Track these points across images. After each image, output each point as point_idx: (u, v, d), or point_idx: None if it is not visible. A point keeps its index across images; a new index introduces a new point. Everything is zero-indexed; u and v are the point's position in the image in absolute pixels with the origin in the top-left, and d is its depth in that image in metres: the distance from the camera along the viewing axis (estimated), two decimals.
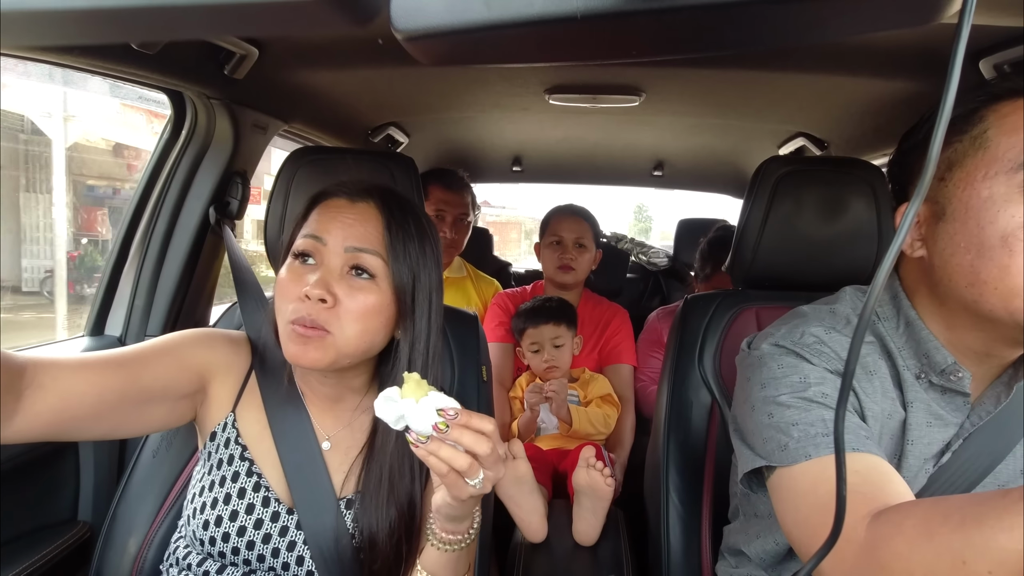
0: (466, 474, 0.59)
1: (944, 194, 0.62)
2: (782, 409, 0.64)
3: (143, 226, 1.26)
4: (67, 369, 0.65)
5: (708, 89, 1.37)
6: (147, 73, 1.01)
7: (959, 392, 0.66)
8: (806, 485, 0.60)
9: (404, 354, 0.76)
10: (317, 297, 0.69)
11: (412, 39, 0.28)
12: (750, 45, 0.29)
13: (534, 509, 1.23)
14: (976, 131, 0.60)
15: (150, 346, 0.74)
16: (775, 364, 0.68)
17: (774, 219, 1.02)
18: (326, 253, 0.72)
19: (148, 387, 0.71)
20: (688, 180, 2.61)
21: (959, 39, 0.28)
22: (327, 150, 1.21)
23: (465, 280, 1.93)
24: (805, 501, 0.59)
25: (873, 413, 0.67)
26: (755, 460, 0.66)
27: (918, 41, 0.97)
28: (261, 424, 0.79)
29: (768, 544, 0.78)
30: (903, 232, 0.33)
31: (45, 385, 0.63)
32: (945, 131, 0.31)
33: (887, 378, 0.68)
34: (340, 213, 0.74)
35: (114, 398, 0.68)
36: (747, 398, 0.70)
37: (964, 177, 0.60)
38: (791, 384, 0.66)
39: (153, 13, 0.28)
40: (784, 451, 0.62)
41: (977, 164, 0.59)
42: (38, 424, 0.63)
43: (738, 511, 0.88)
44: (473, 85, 1.41)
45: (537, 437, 1.59)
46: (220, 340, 0.81)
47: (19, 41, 0.56)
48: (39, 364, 0.63)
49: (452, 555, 0.69)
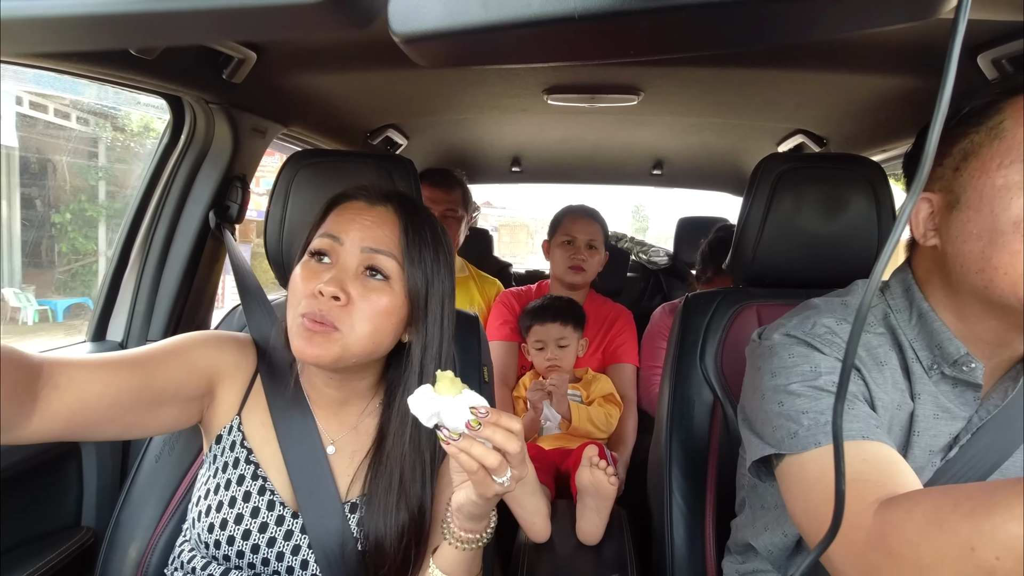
0: (495, 472, 0.60)
1: (959, 183, 0.63)
2: (792, 398, 0.65)
3: (143, 231, 1.27)
4: (83, 369, 0.65)
5: (706, 87, 1.37)
6: (146, 78, 1.01)
7: (970, 384, 0.67)
8: (816, 473, 0.60)
9: (416, 358, 0.76)
10: (331, 294, 0.69)
11: (410, 41, 0.28)
12: (748, 43, 0.29)
13: (537, 510, 1.23)
14: (993, 122, 0.61)
15: (161, 347, 0.75)
16: (786, 353, 0.69)
17: (774, 216, 1.02)
18: (342, 252, 0.72)
19: (161, 389, 0.72)
20: (687, 179, 2.61)
21: (955, 34, 0.28)
22: (326, 153, 1.21)
23: (467, 279, 1.93)
24: (815, 489, 0.60)
25: (883, 403, 0.67)
26: (764, 448, 0.66)
27: (916, 37, 0.97)
28: (266, 427, 0.79)
29: (776, 536, 0.78)
30: (902, 222, 0.33)
31: (61, 385, 0.63)
32: (942, 126, 0.31)
33: (897, 369, 0.69)
34: (358, 215, 0.74)
35: (129, 399, 0.68)
36: (757, 387, 0.70)
37: (979, 166, 0.61)
38: (802, 373, 0.66)
39: (151, 19, 0.28)
40: (794, 439, 0.62)
41: (993, 153, 0.60)
42: (55, 424, 0.63)
43: (745, 504, 0.88)
44: (471, 86, 1.41)
45: (540, 437, 1.60)
46: (228, 342, 0.82)
47: (19, 48, 0.56)
48: (56, 364, 0.64)
49: (468, 554, 0.69)
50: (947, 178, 0.65)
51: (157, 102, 1.19)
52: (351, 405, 0.82)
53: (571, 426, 1.55)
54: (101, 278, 1.30)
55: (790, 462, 0.63)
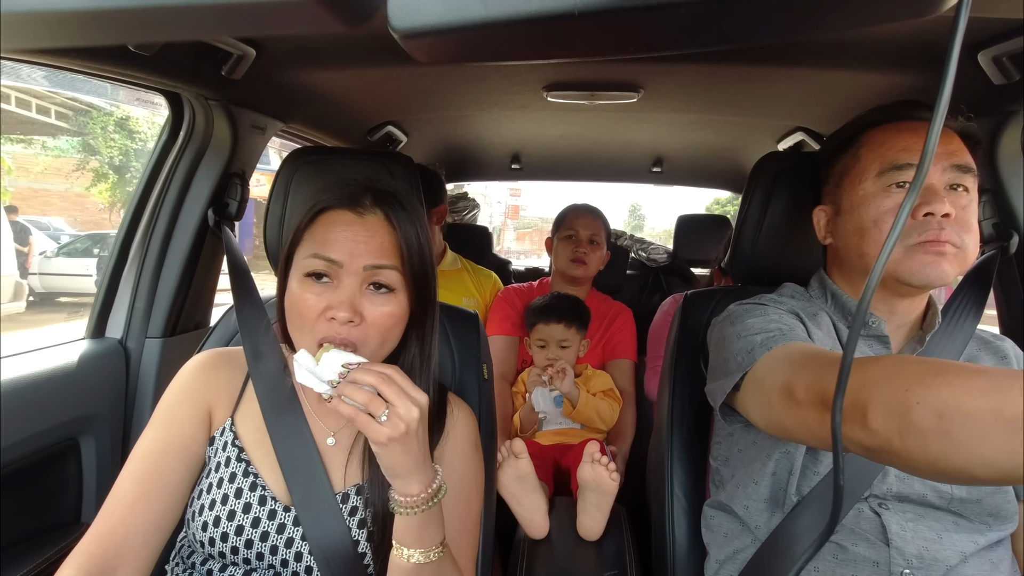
0: (370, 408, 0.62)
1: (839, 196, 0.86)
2: (747, 327, 0.80)
3: (142, 228, 1.26)
4: (140, 544, 0.73)
5: (706, 85, 1.37)
6: (144, 75, 1.01)
7: (878, 336, 0.84)
8: (765, 370, 0.72)
9: (416, 353, 0.80)
10: (345, 320, 0.70)
11: (409, 37, 0.28)
12: (748, 40, 0.29)
13: (536, 507, 1.23)
14: (853, 150, 0.84)
15: (163, 433, 0.78)
16: (741, 309, 0.87)
17: (773, 214, 1.03)
18: (343, 273, 0.72)
19: (185, 464, 0.78)
20: (687, 176, 2.61)
21: (956, 32, 0.28)
22: (326, 150, 1.21)
23: (461, 272, 1.93)
24: (773, 384, 0.69)
25: (818, 339, 0.83)
26: (732, 378, 0.76)
27: (916, 34, 0.97)
28: (259, 428, 0.80)
29: (748, 488, 0.85)
30: (900, 222, 0.34)
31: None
32: (941, 125, 0.32)
33: (829, 327, 0.87)
34: (350, 231, 0.73)
35: (171, 500, 0.76)
36: (722, 337, 0.84)
37: (849, 184, 0.84)
38: (754, 313, 0.83)
39: (149, 14, 0.28)
40: (750, 353, 0.75)
41: (856, 173, 0.83)
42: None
43: (718, 473, 0.95)
44: (471, 83, 1.41)
45: (538, 432, 1.60)
46: (214, 367, 0.84)
47: (17, 44, 0.56)
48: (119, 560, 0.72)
49: (416, 521, 0.68)
50: (832, 193, 0.88)
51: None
52: None
53: (574, 409, 1.55)
54: (101, 275, 1.30)
55: (750, 378, 0.74)
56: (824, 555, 0.77)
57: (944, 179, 0.77)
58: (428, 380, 0.80)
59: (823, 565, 0.77)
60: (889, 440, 0.51)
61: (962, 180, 0.77)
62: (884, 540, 0.75)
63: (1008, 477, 0.45)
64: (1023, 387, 0.45)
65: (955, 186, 0.77)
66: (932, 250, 0.74)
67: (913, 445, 0.49)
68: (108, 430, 1.19)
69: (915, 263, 0.75)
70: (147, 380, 1.26)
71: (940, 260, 0.74)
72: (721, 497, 0.91)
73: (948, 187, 0.77)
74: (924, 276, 0.75)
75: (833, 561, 0.77)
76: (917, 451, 0.49)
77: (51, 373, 1.08)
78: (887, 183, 0.78)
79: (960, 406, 0.47)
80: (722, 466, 0.93)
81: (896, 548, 0.74)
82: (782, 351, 0.72)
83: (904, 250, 0.76)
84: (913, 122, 0.80)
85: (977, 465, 0.46)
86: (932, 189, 0.76)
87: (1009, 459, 0.44)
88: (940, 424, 0.47)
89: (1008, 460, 0.44)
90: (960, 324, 0.88)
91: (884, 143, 0.80)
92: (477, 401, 0.97)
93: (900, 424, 0.50)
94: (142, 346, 1.28)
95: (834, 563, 0.77)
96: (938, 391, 0.49)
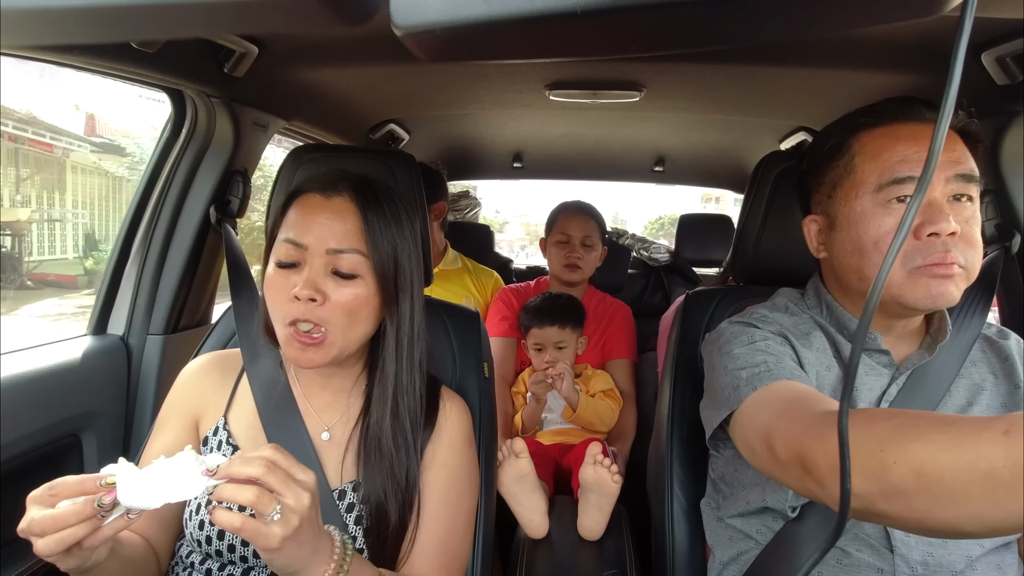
0: (260, 509, 0.53)
1: (833, 208, 0.78)
2: (734, 359, 0.77)
3: (144, 225, 1.26)
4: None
5: (709, 84, 1.37)
6: (147, 72, 1.01)
7: (877, 350, 0.79)
8: (749, 417, 0.70)
9: (391, 337, 0.79)
10: (307, 297, 0.72)
11: (411, 35, 0.28)
12: (752, 39, 0.29)
13: (536, 507, 1.23)
14: (846, 158, 0.76)
15: (158, 450, 0.78)
16: (729, 331, 0.83)
17: (775, 214, 1.02)
18: (308, 256, 0.74)
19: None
20: (689, 175, 2.61)
21: (961, 32, 0.28)
22: (327, 147, 1.21)
23: (462, 272, 1.92)
24: (752, 426, 0.68)
25: (810, 362, 0.79)
26: (720, 414, 0.75)
27: (920, 34, 0.97)
28: (252, 421, 0.81)
29: (740, 505, 0.85)
30: (905, 227, 0.34)
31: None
32: (947, 128, 0.31)
33: (823, 343, 0.82)
34: (316, 212, 0.75)
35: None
36: (712, 366, 0.81)
37: (843, 196, 0.76)
38: (742, 340, 0.79)
39: (152, 11, 0.28)
40: (736, 391, 0.72)
41: (850, 186, 0.75)
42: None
43: (715, 487, 0.94)
44: (473, 81, 1.41)
45: (540, 432, 1.60)
46: (205, 374, 0.86)
47: (19, 40, 0.56)
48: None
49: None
50: (824, 204, 0.80)
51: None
52: (342, 391, 0.84)
53: (575, 414, 1.55)
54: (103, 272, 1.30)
55: (736, 417, 0.72)
56: (828, 560, 0.76)
57: (948, 191, 0.70)
58: (413, 373, 0.80)
59: (827, 570, 0.76)
60: (873, 502, 0.50)
61: (966, 190, 0.71)
62: (888, 547, 0.73)
63: (999, 529, 0.44)
64: (994, 435, 0.43)
65: (959, 196, 0.71)
66: (939, 273, 0.68)
67: (898, 506, 0.48)
68: (109, 427, 1.19)
69: (920, 288, 0.69)
70: (149, 377, 1.27)
71: (947, 283, 0.68)
72: (720, 509, 0.90)
73: (951, 198, 0.71)
74: (930, 302, 0.69)
75: (837, 566, 0.75)
76: (903, 511, 0.48)
77: (53, 369, 1.08)
78: (886, 198, 0.71)
79: (936, 462, 0.45)
80: (719, 481, 0.92)
81: (900, 555, 0.73)
82: (765, 394, 0.69)
83: (907, 274, 0.70)
84: (911, 125, 0.73)
85: (965, 520, 0.45)
86: (935, 204, 0.69)
87: (995, 512, 0.43)
88: (920, 482, 0.46)
89: (994, 513, 0.43)
90: (965, 328, 0.84)
91: (881, 153, 0.72)
92: (478, 399, 0.97)
93: (881, 486, 0.49)
94: (144, 343, 1.28)
95: (838, 568, 0.75)
96: (912, 448, 0.47)
